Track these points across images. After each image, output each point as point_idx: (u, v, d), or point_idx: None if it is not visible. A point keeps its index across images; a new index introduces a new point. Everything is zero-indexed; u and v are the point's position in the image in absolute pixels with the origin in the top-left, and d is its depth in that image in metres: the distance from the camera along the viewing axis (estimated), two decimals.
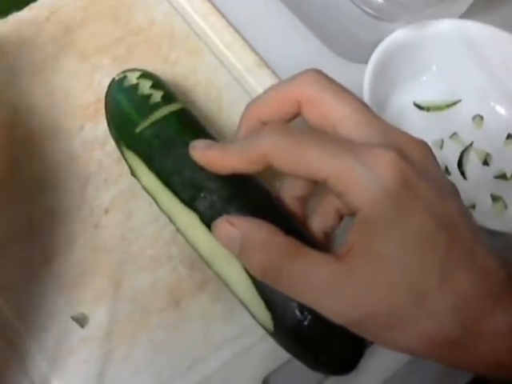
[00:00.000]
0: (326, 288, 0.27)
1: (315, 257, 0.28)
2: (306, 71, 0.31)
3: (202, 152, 0.32)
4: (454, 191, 0.29)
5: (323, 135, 0.29)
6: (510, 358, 0.27)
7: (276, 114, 0.32)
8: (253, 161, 0.30)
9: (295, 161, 0.28)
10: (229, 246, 0.30)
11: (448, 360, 0.28)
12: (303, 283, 0.28)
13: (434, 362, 0.29)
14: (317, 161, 0.28)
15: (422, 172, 0.28)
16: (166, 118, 0.35)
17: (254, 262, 0.29)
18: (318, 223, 0.34)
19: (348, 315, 0.27)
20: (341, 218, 0.33)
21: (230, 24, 0.43)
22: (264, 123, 0.32)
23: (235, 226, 0.30)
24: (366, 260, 0.27)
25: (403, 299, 0.26)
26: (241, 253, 0.29)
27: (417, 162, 0.28)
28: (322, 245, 0.34)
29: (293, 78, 0.31)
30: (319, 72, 0.31)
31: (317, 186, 0.34)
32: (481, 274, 0.27)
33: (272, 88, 0.32)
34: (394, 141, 0.29)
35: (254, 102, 0.33)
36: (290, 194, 0.34)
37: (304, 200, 0.34)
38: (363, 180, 0.27)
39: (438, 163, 0.29)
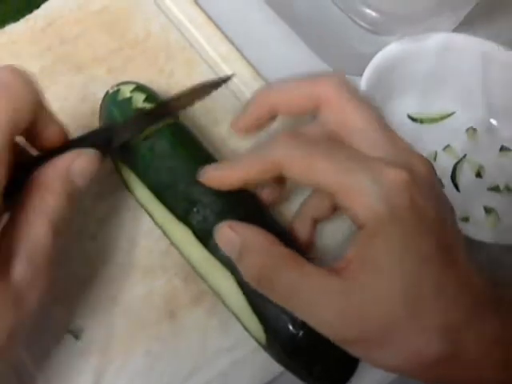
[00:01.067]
0: (320, 301, 0.27)
1: (312, 269, 0.28)
2: (332, 75, 0.31)
3: (211, 174, 0.33)
4: (452, 211, 0.30)
5: (337, 148, 0.30)
6: (493, 376, 0.27)
7: (292, 106, 0.32)
8: (265, 169, 0.30)
9: (307, 173, 0.29)
10: (228, 250, 0.30)
11: (436, 379, 0.28)
12: (297, 294, 0.28)
13: None
14: (328, 175, 0.28)
15: (427, 192, 0.28)
16: (159, 131, 0.36)
17: (250, 267, 0.29)
18: (298, 232, 0.35)
19: (341, 330, 0.27)
20: (315, 224, 0.35)
21: (226, 36, 0.44)
22: (274, 112, 0.32)
23: (236, 231, 0.30)
24: (365, 275, 0.27)
25: (398, 315, 0.26)
26: (239, 258, 0.30)
27: (424, 182, 0.29)
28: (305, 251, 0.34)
29: (317, 76, 0.31)
30: (344, 79, 0.31)
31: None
32: (471, 294, 0.27)
33: (294, 80, 0.32)
34: (405, 159, 0.29)
35: (271, 89, 0.33)
36: (310, 212, 0.35)
37: (316, 222, 0.35)
38: (372, 197, 0.27)
39: (440, 182, 0.30)
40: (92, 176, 0.31)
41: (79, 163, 0.30)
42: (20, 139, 0.30)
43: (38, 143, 0.31)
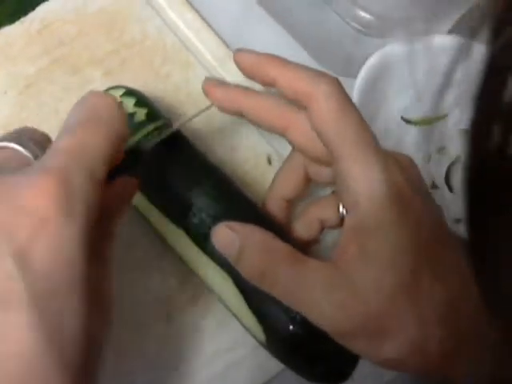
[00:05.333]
0: (321, 295, 0.28)
1: (312, 263, 0.29)
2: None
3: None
4: (438, 205, 0.30)
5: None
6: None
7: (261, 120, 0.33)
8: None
9: (324, 128, 0.29)
10: (227, 250, 0.30)
11: (437, 373, 0.28)
12: (298, 289, 0.28)
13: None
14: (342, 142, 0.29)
15: (422, 188, 0.29)
16: (152, 137, 0.35)
17: (251, 266, 0.29)
18: (300, 231, 0.34)
19: (341, 323, 0.28)
20: (322, 229, 0.34)
21: (222, 39, 0.44)
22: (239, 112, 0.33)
23: (234, 230, 0.30)
24: (364, 266, 0.27)
25: (398, 304, 0.27)
26: (238, 257, 0.30)
27: (417, 179, 0.30)
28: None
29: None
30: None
31: (305, 190, 0.35)
32: (469, 285, 0.28)
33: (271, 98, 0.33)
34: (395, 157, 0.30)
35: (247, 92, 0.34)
36: (279, 194, 0.35)
37: (291, 204, 0.35)
38: (377, 179, 0.28)
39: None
40: None
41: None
42: None
43: None
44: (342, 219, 0.32)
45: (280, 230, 0.34)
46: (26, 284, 0.21)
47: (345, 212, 0.30)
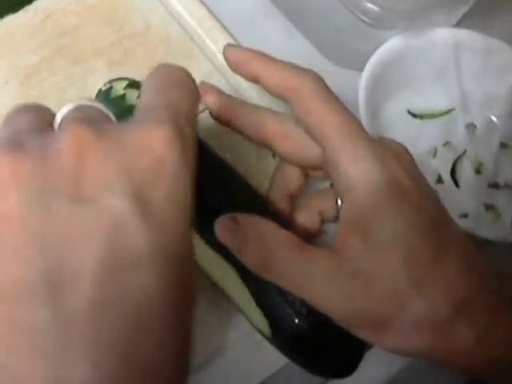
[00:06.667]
0: (325, 282, 0.28)
1: (315, 252, 0.28)
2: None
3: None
4: (437, 196, 0.30)
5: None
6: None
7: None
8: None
9: (316, 120, 0.29)
10: (229, 242, 0.30)
11: (443, 358, 0.28)
12: (303, 278, 0.28)
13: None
14: (332, 129, 0.29)
15: (412, 173, 0.29)
16: None
17: (255, 256, 0.29)
18: (301, 223, 0.34)
19: (351, 314, 0.27)
20: (323, 221, 0.34)
21: (226, 30, 0.43)
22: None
23: (237, 221, 0.30)
24: (359, 249, 0.27)
25: (404, 290, 0.26)
26: (241, 248, 0.29)
27: (408, 164, 0.29)
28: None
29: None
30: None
31: (307, 183, 0.35)
32: (473, 271, 0.27)
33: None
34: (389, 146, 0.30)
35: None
36: (280, 190, 0.35)
37: (293, 198, 0.35)
38: (369, 160, 0.27)
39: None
40: None
41: None
42: None
43: None
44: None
45: (283, 220, 0.34)
46: (142, 226, 0.20)
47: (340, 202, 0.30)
